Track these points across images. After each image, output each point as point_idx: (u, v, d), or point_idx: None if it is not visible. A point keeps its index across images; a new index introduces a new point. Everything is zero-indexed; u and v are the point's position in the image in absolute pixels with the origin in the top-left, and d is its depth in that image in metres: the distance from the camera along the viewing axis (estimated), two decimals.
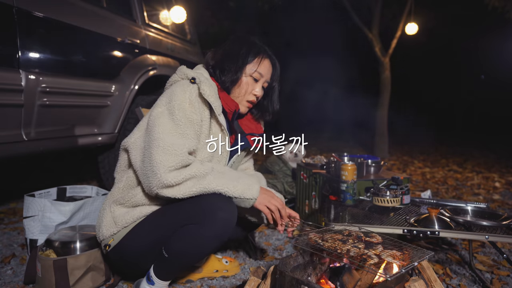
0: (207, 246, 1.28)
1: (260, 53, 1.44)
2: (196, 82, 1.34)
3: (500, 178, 4.27)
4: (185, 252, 1.27)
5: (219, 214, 1.23)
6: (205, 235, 1.24)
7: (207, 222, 1.23)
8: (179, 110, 1.28)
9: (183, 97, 1.30)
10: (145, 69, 2.71)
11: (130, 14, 2.81)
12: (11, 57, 1.80)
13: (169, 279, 1.35)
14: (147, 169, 1.24)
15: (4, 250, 1.87)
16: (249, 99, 1.45)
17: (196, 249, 1.27)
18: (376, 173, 2.25)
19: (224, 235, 1.27)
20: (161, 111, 1.30)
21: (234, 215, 1.28)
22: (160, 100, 1.35)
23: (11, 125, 1.84)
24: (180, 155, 1.22)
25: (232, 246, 1.99)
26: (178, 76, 1.41)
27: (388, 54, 5.66)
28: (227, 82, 1.41)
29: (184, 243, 1.25)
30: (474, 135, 10.85)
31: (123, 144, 1.39)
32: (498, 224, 1.49)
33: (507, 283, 1.63)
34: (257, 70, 1.43)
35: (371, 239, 1.25)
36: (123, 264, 1.43)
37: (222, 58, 1.44)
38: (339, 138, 7.73)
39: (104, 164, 2.73)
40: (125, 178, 1.39)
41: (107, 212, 1.37)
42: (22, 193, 1.71)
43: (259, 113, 1.57)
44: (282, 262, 1.16)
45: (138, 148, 1.33)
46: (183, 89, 1.32)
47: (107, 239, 1.36)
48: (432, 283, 1.16)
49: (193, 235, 1.24)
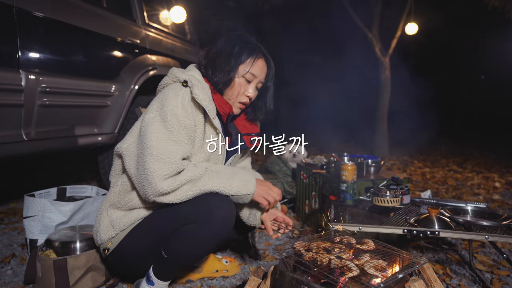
0: (206, 246, 1.28)
1: (254, 53, 1.39)
2: (189, 86, 1.30)
3: (500, 178, 4.26)
4: (183, 252, 1.27)
5: (215, 212, 1.22)
6: (203, 234, 1.23)
7: (205, 221, 1.22)
8: (171, 116, 1.24)
9: (175, 102, 1.26)
10: (145, 69, 2.71)
11: (130, 14, 2.81)
12: (11, 57, 1.80)
13: (168, 279, 1.35)
14: (141, 178, 1.22)
15: (4, 250, 1.87)
16: (242, 101, 1.42)
17: (195, 249, 1.27)
18: (376, 173, 2.25)
19: (222, 234, 1.26)
20: (153, 117, 1.27)
21: (232, 213, 1.27)
22: (151, 105, 1.32)
23: (11, 125, 1.84)
24: (174, 163, 1.20)
25: (232, 246, 1.99)
26: (169, 79, 1.37)
27: (388, 54, 5.66)
28: (220, 83, 1.37)
29: (182, 243, 1.25)
30: (474, 135, 10.85)
31: (117, 149, 1.38)
32: (498, 224, 1.49)
33: (507, 283, 1.63)
34: (250, 71, 1.38)
35: (361, 246, 1.21)
36: (123, 266, 1.42)
37: (214, 58, 1.39)
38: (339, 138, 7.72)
39: (104, 164, 2.73)
40: (120, 182, 1.38)
41: (104, 216, 1.36)
42: (22, 193, 1.71)
43: (252, 113, 1.54)
44: (282, 262, 1.16)
45: (131, 155, 1.31)
46: (175, 93, 1.28)
47: (105, 243, 1.35)
48: (432, 283, 1.16)
49: (191, 235, 1.24)
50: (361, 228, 1.47)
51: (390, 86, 5.79)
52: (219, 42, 1.43)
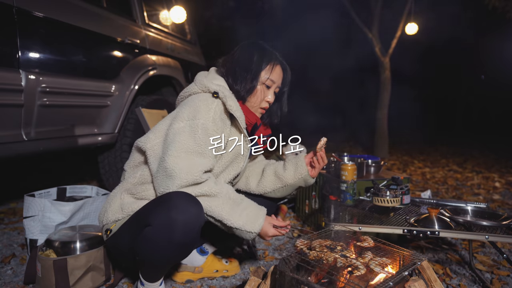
0: (165, 251, 1.17)
1: (272, 60, 1.44)
2: (220, 97, 1.34)
3: (500, 178, 4.26)
4: (147, 256, 1.19)
5: (174, 215, 1.12)
6: (160, 239, 1.14)
7: (161, 225, 1.13)
8: (202, 130, 1.27)
9: (207, 116, 1.29)
10: (145, 69, 2.71)
11: (130, 14, 2.81)
12: (11, 57, 1.80)
13: (153, 281, 1.29)
14: (161, 181, 1.24)
15: (4, 250, 1.87)
16: (263, 106, 1.47)
17: (155, 253, 1.17)
18: (376, 173, 2.25)
19: (183, 240, 1.16)
20: (183, 127, 1.27)
21: (194, 218, 1.16)
22: (181, 112, 1.31)
23: (11, 125, 1.84)
24: (194, 174, 1.22)
25: (232, 246, 1.99)
26: (197, 87, 1.39)
27: (388, 54, 5.66)
28: (242, 91, 1.41)
29: (143, 246, 1.18)
30: (474, 135, 10.86)
31: (140, 144, 1.37)
32: (498, 224, 1.49)
33: (507, 283, 1.63)
34: (270, 77, 1.43)
35: (362, 244, 1.22)
36: (118, 253, 1.40)
37: (233, 66, 1.43)
38: (339, 138, 7.73)
39: (104, 164, 2.73)
40: (139, 174, 1.37)
41: (117, 199, 1.36)
42: (22, 193, 1.71)
43: (268, 118, 1.57)
44: (282, 262, 1.15)
45: (156, 156, 1.31)
46: (207, 106, 1.31)
47: (110, 224, 1.35)
48: (432, 283, 1.16)
49: (149, 239, 1.16)
50: (361, 228, 1.47)
51: (390, 86, 5.78)
52: (235, 51, 1.47)
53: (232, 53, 1.48)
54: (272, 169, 1.58)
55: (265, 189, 1.57)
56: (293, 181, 1.53)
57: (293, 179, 1.53)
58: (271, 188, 1.56)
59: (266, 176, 1.58)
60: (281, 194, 1.58)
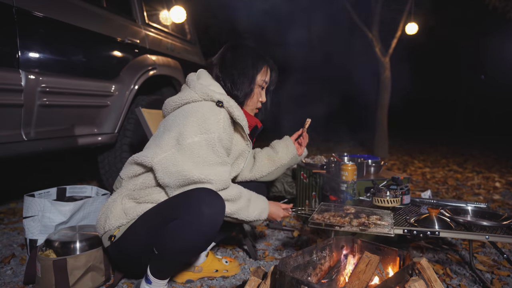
0: (193, 242, 1.23)
1: (265, 62, 1.50)
2: (225, 107, 1.38)
3: (500, 178, 4.26)
4: (171, 249, 1.23)
5: (203, 209, 1.20)
6: (189, 230, 1.20)
7: (191, 217, 1.20)
8: (218, 142, 1.32)
9: (218, 127, 1.33)
10: (145, 69, 2.71)
11: (130, 14, 2.81)
12: (11, 57, 1.80)
13: (164, 278, 1.32)
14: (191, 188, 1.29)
15: (4, 250, 1.87)
16: (258, 106, 1.55)
17: (181, 245, 1.23)
18: (376, 173, 2.25)
19: (210, 232, 1.23)
20: (199, 142, 1.28)
21: (221, 212, 1.25)
22: (189, 125, 1.30)
23: (11, 125, 1.84)
24: (224, 181, 1.31)
25: (232, 246, 1.99)
26: (198, 95, 1.38)
27: (388, 54, 5.66)
28: (241, 96, 1.45)
29: (169, 239, 1.22)
30: (474, 135, 10.86)
31: (143, 160, 1.32)
32: (499, 224, 1.49)
33: (508, 283, 1.63)
34: (266, 79, 1.50)
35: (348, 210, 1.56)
36: (122, 258, 1.40)
37: (231, 71, 1.45)
38: (339, 138, 7.73)
39: (104, 164, 2.73)
40: (140, 182, 1.36)
41: (117, 204, 1.35)
42: (22, 193, 1.71)
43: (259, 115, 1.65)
44: (282, 262, 1.15)
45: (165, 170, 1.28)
46: (216, 117, 1.33)
47: (113, 230, 1.34)
48: (432, 283, 1.16)
49: (177, 231, 1.21)
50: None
51: (390, 86, 5.78)
52: (226, 54, 1.48)
53: (222, 55, 1.49)
54: (263, 154, 1.70)
55: (261, 173, 1.68)
56: (286, 161, 1.68)
57: (286, 159, 1.68)
58: (267, 171, 1.68)
59: (260, 161, 1.68)
60: (274, 176, 1.72)
